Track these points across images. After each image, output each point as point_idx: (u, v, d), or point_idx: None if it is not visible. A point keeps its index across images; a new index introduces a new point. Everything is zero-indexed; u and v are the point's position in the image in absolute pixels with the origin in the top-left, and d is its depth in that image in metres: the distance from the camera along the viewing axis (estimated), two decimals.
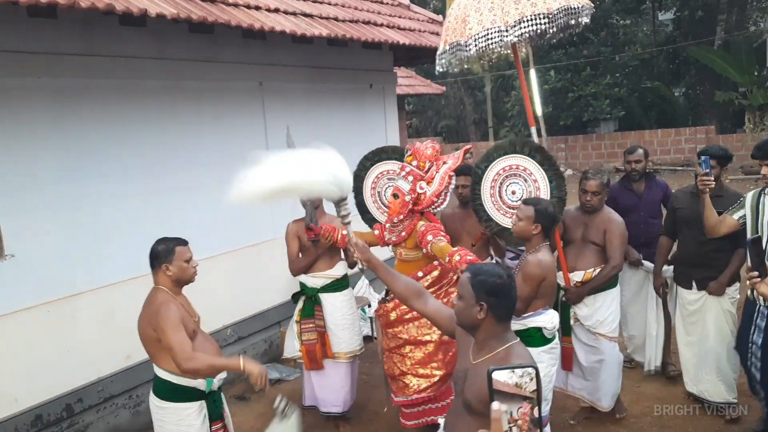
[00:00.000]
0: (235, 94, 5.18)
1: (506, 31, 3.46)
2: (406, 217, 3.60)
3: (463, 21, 3.60)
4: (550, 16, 3.49)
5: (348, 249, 3.85)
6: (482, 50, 3.53)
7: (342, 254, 4.23)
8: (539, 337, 3.21)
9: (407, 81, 13.08)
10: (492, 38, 3.46)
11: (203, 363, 2.68)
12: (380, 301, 3.84)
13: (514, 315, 2.83)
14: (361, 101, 6.71)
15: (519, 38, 3.51)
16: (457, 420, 2.16)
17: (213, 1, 4.40)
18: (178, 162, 4.65)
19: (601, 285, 3.84)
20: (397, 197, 3.59)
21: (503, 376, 1.60)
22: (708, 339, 4.00)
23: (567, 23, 3.69)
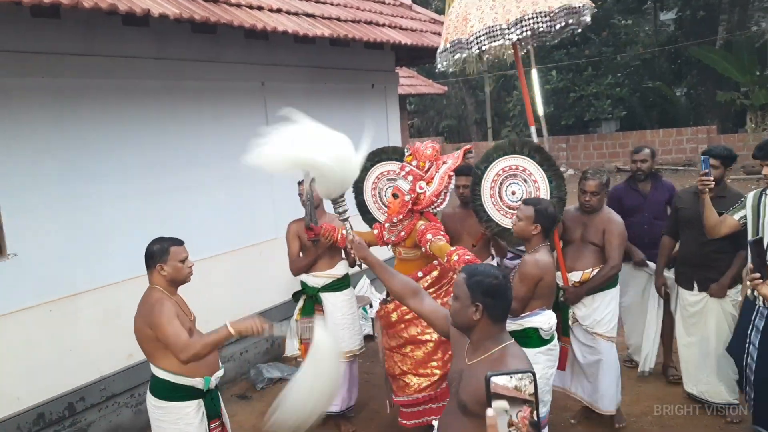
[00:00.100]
0: (237, 94, 5.19)
1: (507, 29, 3.47)
2: (405, 216, 3.60)
3: (464, 19, 3.60)
4: (551, 15, 3.49)
5: (348, 248, 3.85)
6: (483, 48, 3.53)
7: (343, 254, 4.24)
8: (536, 337, 3.20)
9: (409, 81, 13.06)
10: (494, 36, 3.46)
11: (199, 345, 2.71)
12: (381, 302, 3.84)
13: (511, 315, 2.83)
14: (362, 101, 6.71)
15: (520, 36, 3.51)
16: (451, 421, 2.15)
17: (216, 2, 4.41)
18: (178, 162, 4.66)
19: (600, 285, 3.83)
20: (397, 197, 3.60)
21: (502, 380, 1.59)
22: (708, 340, 3.99)
23: (568, 22, 3.69)
